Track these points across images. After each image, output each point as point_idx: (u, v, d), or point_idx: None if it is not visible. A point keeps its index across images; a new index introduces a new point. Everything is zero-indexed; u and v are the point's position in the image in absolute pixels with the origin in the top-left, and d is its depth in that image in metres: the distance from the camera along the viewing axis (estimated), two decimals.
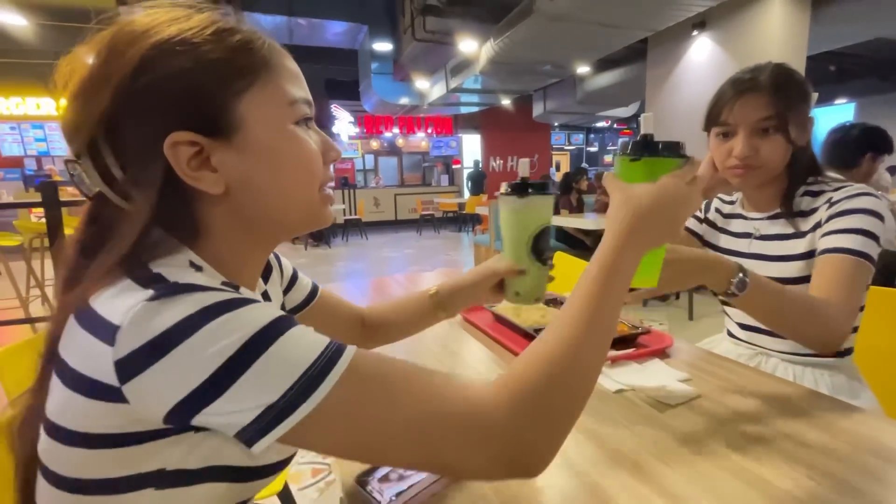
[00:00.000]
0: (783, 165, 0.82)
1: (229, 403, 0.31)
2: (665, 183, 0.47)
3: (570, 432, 0.39)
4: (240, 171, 0.40)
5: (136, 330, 0.31)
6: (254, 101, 0.40)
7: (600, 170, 11.29)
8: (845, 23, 4.64)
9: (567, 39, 4.62)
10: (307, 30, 6.83)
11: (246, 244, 0.44)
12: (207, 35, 0.38)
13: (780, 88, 0.78)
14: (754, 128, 0.79)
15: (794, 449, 0.54)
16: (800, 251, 0.81)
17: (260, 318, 0.33)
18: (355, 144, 10.80)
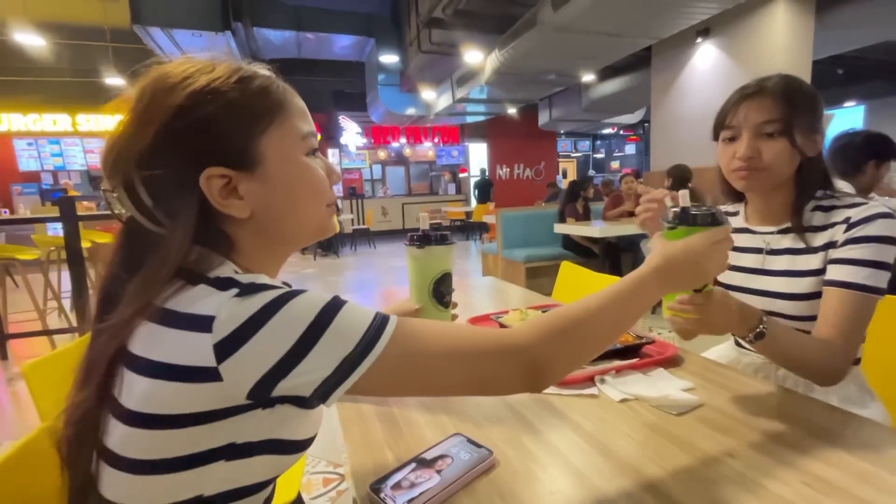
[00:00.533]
0: (788, 172, 0.81)
1: (309, 364, 0.39)
2: (694, 240, 0.58)
3: (575, 440, 0.46)
4: (262, 198, 0.47)
5: (231, 317, 0.38)
6: (272, 138, 0.47)
7: (607, 177, 11.27)
8: (851, 27, 4.63)
9: (571, 49, 4.67)
10: (315, 44, 6.96)
11: (267, 257, 0.51)
12: (232, 83, 0.44)
13: (785, 94, 0.78)
14: (758, 130, 0.79)
15: (794, 457, 0.55)
16: (812, 267, 0.80)
17: (320, 299, 0.41)
18: (363, 155, 10.92)
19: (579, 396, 0.73)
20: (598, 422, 0.65)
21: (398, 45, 7.04)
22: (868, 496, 0.47)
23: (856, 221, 0.76)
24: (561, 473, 0.54)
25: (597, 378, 0.78)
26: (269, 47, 6.84)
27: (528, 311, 1.08)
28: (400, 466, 0.56)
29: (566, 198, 4.29)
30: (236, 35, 5.51)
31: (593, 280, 1.54)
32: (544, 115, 9.46)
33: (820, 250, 0.80)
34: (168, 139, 0.42)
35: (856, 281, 0.73)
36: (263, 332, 0.38)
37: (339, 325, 0.40)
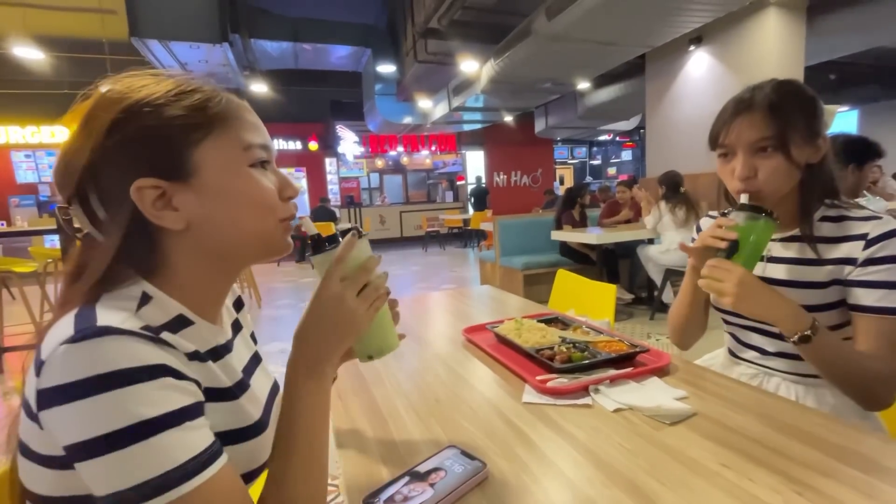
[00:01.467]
0: (788, 185, 0.79)
1: (91, 471, 0.36)
2: (315, 297, 0.52)
3: (568, 451, 0.44)
4: (199, 210, 0.46)
5: (51, 370, 0.37)
6: (209, 149, 0.47)
7: (604, 183, 11.32)
8: (842, 33, 4.69)
9: (566, 58, 4.71)
10: (312, 54, 7.02)
11: (209, 272, 0.50)
12: (170, 97, 0.46)
13: (776, 107, 0.76)
14: (752, 148, 0.78)
15: (786, 466, 0.55)
16: (820, 279, 0.79)
17: (148, 402, 0.37)
18: (360, 164, 10.96)
19: (573, 406, 0.73)
20: (592, 432, 0.65)
21: (395, 55, 7.10)
22: (838, 493, 0.48)
23: (875, 238, 0.74)
24: (553, 485, 0.54)
25: (591, 388, 0.78)
26: (266, 58, 6.90)
27: (524, 320, 1.08)
28: (393, 480, 0.56)
29: (563, 205, 4.31)
30: (234, 46, 5.55)
31: (589, 288, 1.54)
32: (540, 122, 9.52)
33: (831, 263, 0.78)
34: (104, 153, 0.43)
35: (890, 305, 0.72)
36: (75, 407, 0.36)
37: (141, 450, 0.36)
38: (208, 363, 0.47)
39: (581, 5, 3.60)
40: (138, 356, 0.38)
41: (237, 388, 0.50)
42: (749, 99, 0.79)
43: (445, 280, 5.68)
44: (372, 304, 0.54)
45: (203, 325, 0.49)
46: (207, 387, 0.46)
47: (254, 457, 0.50)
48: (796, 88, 0.79)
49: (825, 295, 0.79)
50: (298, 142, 10.10)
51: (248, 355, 0.59)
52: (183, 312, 0.47)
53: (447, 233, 9.59)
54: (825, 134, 0.79)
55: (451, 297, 1.62)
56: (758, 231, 0.75)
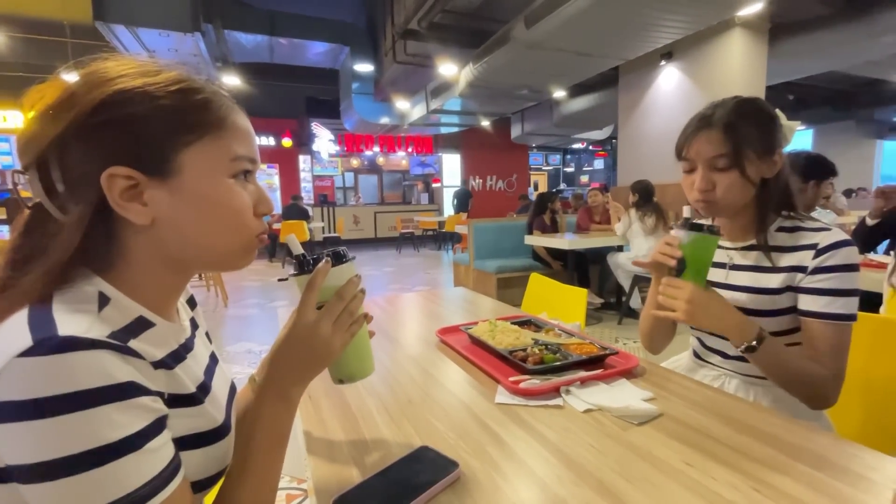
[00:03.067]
0: (744, 199, 0.84)
1: (39, 493, 0.33)
2: (291, 325, 0.52)
3: (539, 451, 0.44)
4: (169, 209, 0.44)
5: (6, 384, 0.33)
6: (198, 153, 0.45)
7: (577, 190, 11.58)
8: (800, 57, 4.97)
9: (543, 66, 4.80)
10: (288, 49, 6.89)
11: (166, 272, 0.47)
12: (170, 90, 0.43)
13: (732, 126, 0.80)
14: (710, 164, 0.83)
15: (745, 464, 0.57)
16: (773, 286, 0.83)
17: (106, 433, 0.34)
18: (335, 162, 10.82)
19: (545, 407, 0.74)
20: (563, 432, 0.66)
21: (373, 54, 7.05)
22: (811, 500, 0.50)
23: (824, 248, 0.79)
24: (524, 484, 0.55)
25: (562, 389, 0.79)
26: (240, 51, 6.72)
27: (498, 322, 1.09)
28: (364, 481, 0.55)
29: (534, 210, 4.37)
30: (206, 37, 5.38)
31: (561, 291, 1.57)
32: (517, 128, 9.65)
33: (784, 271, 0.82)
34: (82, 129, 0.40)
35: (837, 311, 0.77)
36: (30, 427, 0.33)
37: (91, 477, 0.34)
38: (174, 370, 0.45)
39: (558, 15, 3.67)
40: (105, 374, 0.35)
41: (200, 391, 0.49)
42: (709, 116, 0.84)
43: (419, 282, 5.67)
44: (347, 329, 0.55)
45: (163, 324, 0.47)
46: (173, 393, 0.44)
47: (219, 460, 0.49)
48: (755, 107, 0.84)
49: (779, 301, 0.83)
50: (272, 137, 9.89)
51: (206, 355, 0.57)
52: (143, 314, 0.45)
53: (422, 235, 9.58)
54: (781, 150, 0.84)
55: (425, 298, 1.62)
56: (700, 247, 0.79)
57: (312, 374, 0.53)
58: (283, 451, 0.52)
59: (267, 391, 0.51)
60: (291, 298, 4.80)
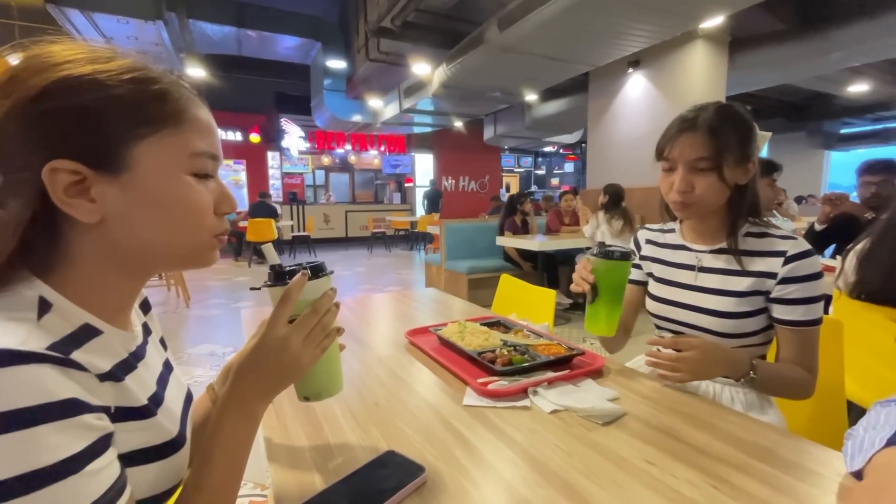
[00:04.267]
0: (719, 202, 0.87)
1: None
2: (260, 337, 0.50)
3: (506, 453, 0.43)
4: (120, 207, 0.41)
5: None
6: (153, 148, 0.42)
7: (547, 192, 11.78)
8: (757, 69, 5.22)
9: (515, 69, 4.85)
10: (257, 42, 6.70)
11: (118, 275, 0.44)
12: (123, 79, 0.40)
13: (716, 131, 0.83)
14: (690, 166, 0.85)
15: (704, 462, 0.59)
16: (740, 289, 0.86)
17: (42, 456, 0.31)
18: (305, 159, 10.60)
19: (512, 408, 0.74)
20: (529, 433, 0.67)
21: (346, 50, 6.95)
22: (765, 496, 0.52)
23: (792, 256, 0.83)
24: (491, 487, 0.55)
25: (530, 390, 0.79)
26: (205, 42, 6.48)
27: (468, 323, 1.09)
28: (327, 488, 0.53)
29: (506, 212, 4.41)
30: (169, 25, 5.15)
31: (530, 292, 1.58)
32: (489, 130, 9.73)
33: (753, 275, 0.86)
34: (21, 118, 0.37)
35: (811, 318, 0.83)
36: None
37: (46, 496, 0.31)
38: (122, 382, 0.41)
39: (531, 20, 3.72)
40: (44, 390, 0.32)
41: (152, 402, 0.45)
42: (693, 119, 0.86)
43: (390, 282, 5.62)
44: (319, 343, 0.53)
45: (112, 332, 0.43)
46: (121, 407, 0.41)
47: (172, 474, 0.46)
48: (736, 113, 0.86)
49: (746, 303, 0.86)
50: (238, 132, 9.60)
51: (160, 363, 0.53)
52: (89, 321, 0.41)
53: (394, 234, 9.52)
54: (755, 158, 0.87)
55: (396, 298, 1.60)
56: (611, 272, 0.85)
57: (279, 389, 0.51)
58: (243, 467, 0.49)
59: (229, 404, 0.48)
60: (257, 299, 4.66)
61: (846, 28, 4.40)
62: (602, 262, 0.84)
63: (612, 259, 0.83)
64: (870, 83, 6.70)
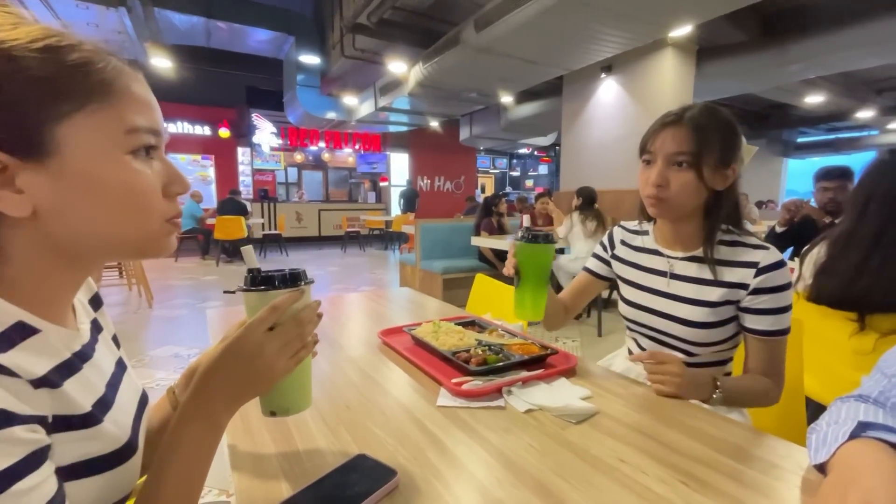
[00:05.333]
0: (693, 203, 0.84)
1: None
2: (234, 339, 0.46)
3: (480, 454, 0.42)
4: (53, 196, 0.37)
5: None
6: (80, 126, 0.37)
7: (521, 193, 11.91)
8: (722, 78, 5.42)
9: (491, 70, 4.88)
10: (227, 34, 6.51)
11: (56, 268, 0.40)
12: (34, 49, 0.35)
13: (700, 128, 0.81)
14: (670, 160, 0.83)
15: (674, 458, 0.60)
16: (712, 299, 0.85)
17: None
18: (277, 156, 10.36)
19: (487, 409, 0.74)
20: (504, 433, 0.66)
21: (320, 46, 6.83)
22: (731, 490, 0.53)
23: (764, 268, 0.82)
24: (464, 489, 0.54)
25: (504, 389, 0.79)
26: (172, 32, 6.25)
27: (442, 323, 1.08)
28: (295, 494, 0.51)
29: (482, 212, 4.43)
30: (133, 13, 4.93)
31: (505, 292, 1.59)
32: (465, 130, 9.76)
33: (726, 286, 0.85)
34: None
35: (779, 328, 0.83)
36: None
37: None
38: (61, 388, 0.38)
39: (507, 22, 3.75)
40: None
41: (99, 408, 0.41)
42: (679, 114, 0.84)
43: (364, 282, 5.56)
44: (294, 355, 0.50)
45: (51, 330, 0.40)
46: (60, 415, 0.37)
47: (121, 485, 0.42)
48: (723, 117, 0.84)
49: (717, 313, 0.86)
50: (207, 127, 9.29)
51: (112, 362, 0.49)
52: (23, 319, 0.37)
53: (368, 234, 9.42)
54: (736, 166, 0.85)
55: (369, 298, 1.58)
56: (533, 256, 0.87)
57: (246, 398, 0.48)
58: (203, 479, 0.45)
59: (191, 411, 0.44)
60: (226, 299, 4.52)
61: (804, 42, 4.62)
62: (524, 245, 0.87)
63: (533, 242, 0.86)
64: (824, 95, 7.07)
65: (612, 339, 3.37)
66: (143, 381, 2.61)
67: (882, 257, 1.10)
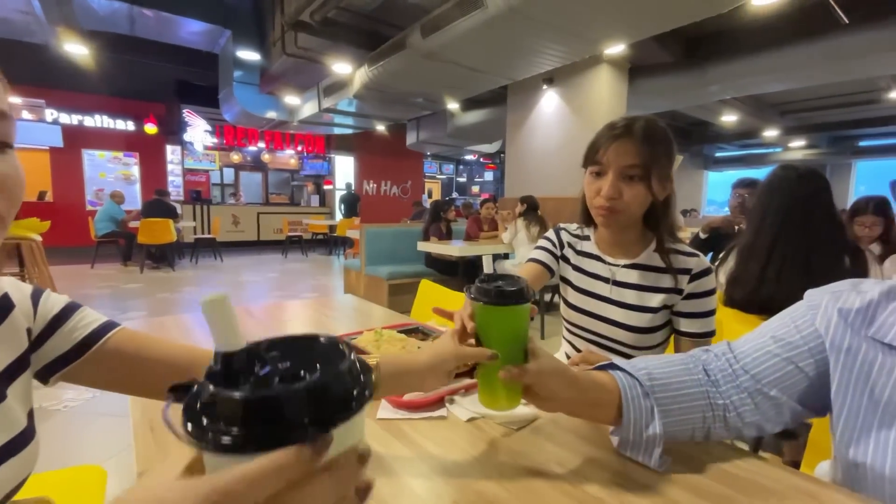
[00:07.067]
0: (640, 213, 0.89)
1: None
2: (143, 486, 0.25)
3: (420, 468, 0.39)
4: None
5: None
6: None
7: (468, 199, 12.08)
8: (651, 95, 5.83)
9: (437, 76, 4.91)
10: (154, 23, 6.04)
11: None
12: None
13: (649, 141, 0.84)
14: (622, 172, 0.85)
15: (608, 459, 0.61)
16: (652, 304, 0.90)
17: None
18: (212, 156, 9.77)
19: (429, 419, 0.72)
20: (446, 444, 0.65)
21: (259, 42, 6.53)
22: (661, 485, 0.55)
23: (697, 273, 0.88)
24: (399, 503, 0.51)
25: (447, 399, 0.78)
26: (89, 16, 5.70)
27: (384, 331, 1.05)
28: None
29: (430, 217, 4.44)
30: None
31: (450, 298, 1.58)
32: (412, 135, 9.75)
33: (664, 291, 0.90)
34: None
35: (707, 330, 0.89)
36: None
37: None
38: None
39: (452, 29, 3.79)
40: None
41: None
42: (628, 126, 0.86)
43: (306, 288, 5.35)
44: None
45: None
46: None
47: None
48: (665, 130, 0.88)
49: (657, 318, 0.91)
50: (131, 122, 8.57)
51: None
52: None
53: (311, 239, 9.11)
54: (672, 177, 0.89)
55: (310, 306, 1.51)
56: (503, 320, 0.58)
57: None
58: None
59: None
60: (150, 309, 4.17)
61: (721, 65, 5.09)
62: (487, 308, 0.57)
63: (500, 305, 0.57)
64: (738, 114, 7.83)
65: (555, 340, 3.49)
66: (50, 403, 2.32)
67: (778, 266, 1.21)
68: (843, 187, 11.80)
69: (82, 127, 8.21)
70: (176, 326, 1.23)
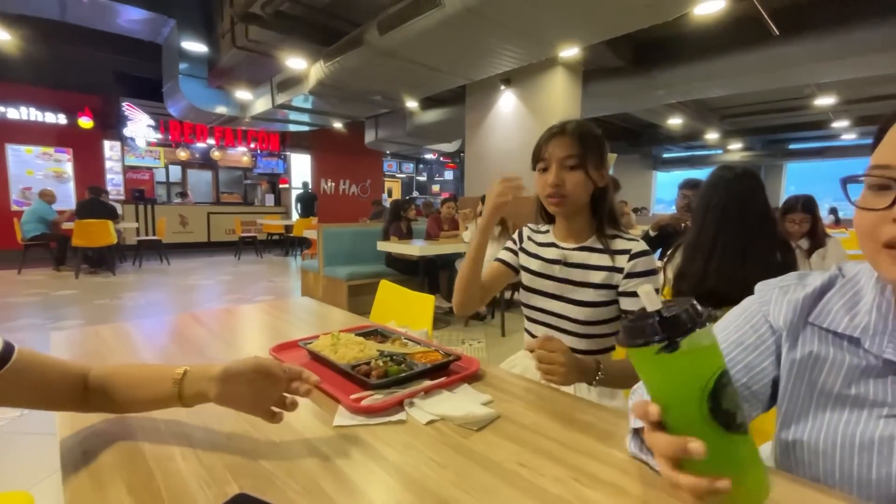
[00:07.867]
0: (585, 198, 1.02)
1: None
2: None
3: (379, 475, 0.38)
4: None
5: None
6: None
7: (428, 198, 12.06)
8: (603, 98, 6.04)
9: (395, 74, 4.86)
10: (89, 10, 5.60)
11: None
12: None
13: (580, 136, 0.99)
14: (562, 163, 0.99)
15: (567, 455, 0.62)
16: (595, 281, 1.01)
17: None
18: (156, 152, 9.19)
19: (387, 424, 0.70)
20: (404, 449, 0.63)
21: (207, 33, 6.21)
22: (619, 480, 0.56)
23: (636, 254, 0.99)
24: None
25: (406, 402, 0.76)
26: (14, 1, 5.22)
27: (341, 334, 1.02)
28: None
29: (390, 217, 4.39)
30: None
31: (409, 298, 1.56)
32: (371, 133, 9.60)
33: (606, 269, 1.01)
34: None
35: None
36: None
37: None
38: None
39: (410, 27, 3.76)
40: None
41: None
42: (562, 126, 1.01)
43: (261, 291, 5.15)
44: None
45: None
46: None
47: None
48: (594, 129, 1.03)
49: (602, 294, 1.00)
50: (63, 115, 7.92)
51: None
52: None
53: (266, 239, 8.79)
54: (608, 168, 1.04)
55: (264, 310, 1.44)
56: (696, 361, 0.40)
57: None
58: None
59: None
60: (86, 317, 3.88)
61: (667, 71, 5.34)
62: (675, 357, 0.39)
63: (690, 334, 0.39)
64: (682, 118, 8.27)
65: (516, 337, 3.54)
66: None
67: (719, 261, 1.29)
68: (775, 187, 12.76)
69: (5, 120, 7.49)
70: (114, 335, 1.14)
